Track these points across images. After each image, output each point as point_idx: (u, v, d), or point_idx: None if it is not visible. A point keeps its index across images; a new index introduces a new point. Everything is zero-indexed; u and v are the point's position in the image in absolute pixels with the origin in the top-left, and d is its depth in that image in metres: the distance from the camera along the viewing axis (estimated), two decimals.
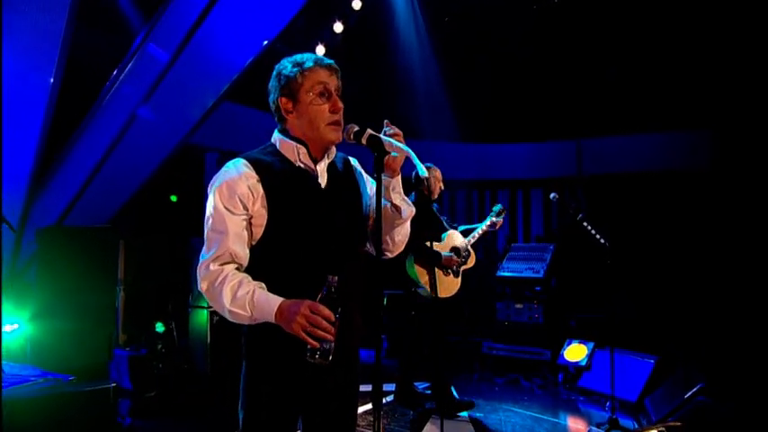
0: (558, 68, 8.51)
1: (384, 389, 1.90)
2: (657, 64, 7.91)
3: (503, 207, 4.75)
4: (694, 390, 4.07)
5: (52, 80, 4.36)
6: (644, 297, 5.97)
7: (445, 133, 8.93)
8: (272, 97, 1.82)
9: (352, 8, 6.78)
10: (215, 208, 1.70)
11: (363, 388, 2.14)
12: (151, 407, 4.46)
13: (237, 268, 1.72)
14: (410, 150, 1.76)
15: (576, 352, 5.36)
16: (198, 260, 1.75)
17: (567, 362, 5.36)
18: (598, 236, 4.35)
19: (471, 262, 4.62)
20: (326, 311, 1.58)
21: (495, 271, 6.33)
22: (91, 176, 5.02)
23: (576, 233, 4.51)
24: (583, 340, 5.42)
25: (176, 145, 5.56)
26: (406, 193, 1.96)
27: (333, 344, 1.60)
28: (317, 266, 1.75)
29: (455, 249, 4.53)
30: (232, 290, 1.65)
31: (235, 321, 1.70)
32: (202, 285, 1.70)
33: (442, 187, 4.61)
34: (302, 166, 1.80)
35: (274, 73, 1.82)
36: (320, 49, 6.99)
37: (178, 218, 5.97)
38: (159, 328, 4.86)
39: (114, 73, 5.02)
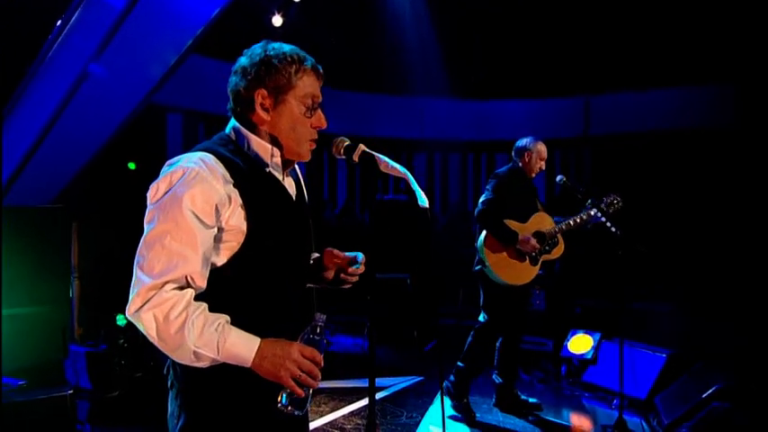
0: (564, 16, 8.29)
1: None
2: (674, 11, 7.73)
3: (615, 198, 4.32)
4: (710, 392, 4.11)
5: None
6: (657, 279, 5.97)
7: (438, 88, 8.74)
8: (243, 81, 1.62)
9: None
10: (182, 215, 1.45)
11: (353, 383, 2.08)
12: (114, 409, 4.40)
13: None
14: (408, 173, 1.71)
15: (580, 343, 5.38)
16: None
17: (571, 354, 5.38)
18: (609, 223, 4.27)
19: (557, 252, 4.41)
20: (318, 356, 1.50)
21: None
22: (34, 146, 4.79)
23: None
24: (588, 330, 5.43)
25: (135, 107, 5.37)
26: None
27: (311, 390, 1.53)
28: (295, 295, 1.69)
29: (539, 234, 4.34)
30: (196, 324, 1.43)
31: (189, 364, 1.48)
32: (145, 317, 1.42)
33: (543, 167, 4.47)
34: (272, 172, 1.66)
35: (255, 57, 1.63)
36: None
37: (138, 189, 5.75)
38: (120, 320, 4.73)
39: (59, 23, 4.72)
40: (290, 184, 1.74)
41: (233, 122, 1.68)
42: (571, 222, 4.34)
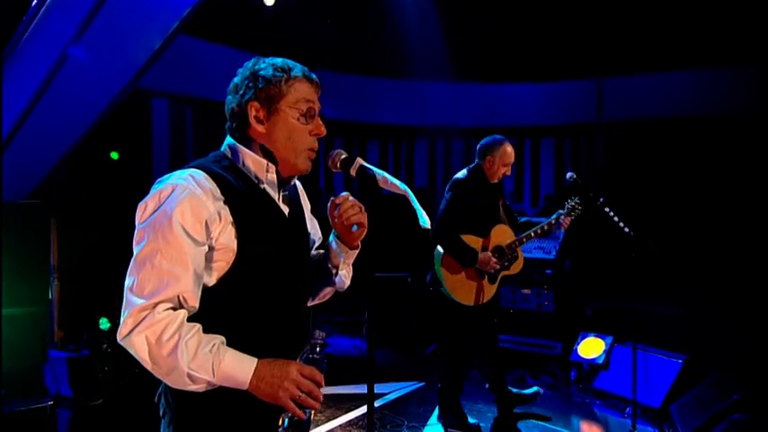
0: None
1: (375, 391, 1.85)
2: None
3: (578, 202, 4.21)
4: (729, 402, 4.10)
5: None
6: (671, 280, 5.94)
7: (439, 71, 8.64)
8: (236, 98, 1.68)
9: None
10: (172, 232, 1.49)
11: (351, 389, 2.12)
12: (97, 419, 4.38)
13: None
14: (409, 190, 1.82)
15: (591, 347, 5.36)
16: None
17: (582, 358, 5.37)
18: (621, 224, 4.22)
19: (516, 268, 4.33)
20: (318, 375, 1.53)
21: None
22: (9, 136, 4.75)
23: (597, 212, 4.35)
24: (600, 333, 5.41)
25: (118, 93, 5.30)
26: None
27: (312, 412, 1.59)
28: (290, 314, 1.73)
29: (498, 250, 4.24)
30: (190, 346, 1.46)
31: (184, 388, 1.50)
32: (137, 339, 1.45)
33: (508, 172, 4.26)
34: (267, 188, 1.70)
35: (246, 72, 1.70)
36: None
37: (121, 181, 5.71)
38: (104, 324, 4.72)
39: (34, 3, 4.66)
40: (286, 202, 1.77)
41: (228, 139, 1.72)
42: (531, 234, 4.24)
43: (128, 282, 1.50)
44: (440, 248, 4.16)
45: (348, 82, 8.70)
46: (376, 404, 4.85)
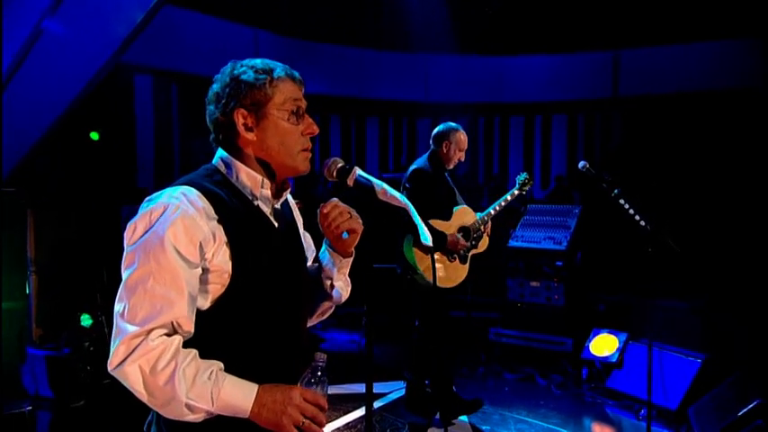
0: None
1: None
2: None
3: (528, 177, 4.72)
4: (750, 407, 4.09)
5: None
6: (692, 270, 5.91)
7: (442, 43, 8.55)
8: (219, 108, 1.67)
9: None
10: (165, 255, 1.48)
11: (348, 389, 2.15)
12: (78, 421, 4.38)
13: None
14: (410, 204, 1.74)
15: (604, 344, 5.36)
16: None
17: (594, 356, 5.37)
18: (638, 217, 4.18)
19: (483, 246, 4.59)
20: (322, 399, 1.55)
21: (505, 239, 6.20)
22: None
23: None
24: (613, 330, 5.41)
25: (98, 70, 5.30)
26: None
27: None
28: (289, 336, 1.74)
29: (464, 230, 4.50)
30: (187, 373, 1.45)
31: (181, 419, 1.48)
32: (130, 369, 1.43)
33: (462, 158, 4.59)
34: (260, 205, 1.69)
35: (225, 78, 1.68)
36: None
37: (103, 164, 5.66)
38: (85, 321, 4.71)
39: None
40: (279, 217, 1.76)
41: (220, 152, 1.71)
42: (492, 212, 4.56)
43: (117, 308, 1.49)
44: (410, 236, 4.35)
45: (345, 55, 8.61)
46: (375, 405, 4.85)
